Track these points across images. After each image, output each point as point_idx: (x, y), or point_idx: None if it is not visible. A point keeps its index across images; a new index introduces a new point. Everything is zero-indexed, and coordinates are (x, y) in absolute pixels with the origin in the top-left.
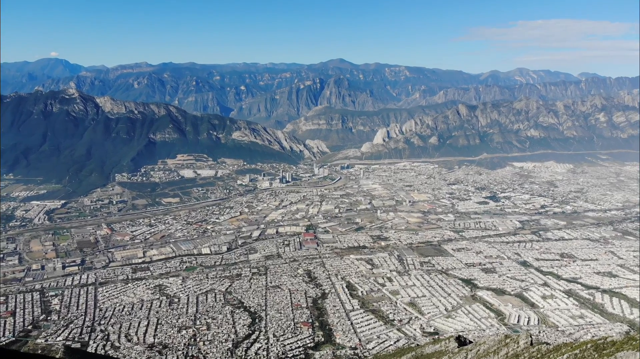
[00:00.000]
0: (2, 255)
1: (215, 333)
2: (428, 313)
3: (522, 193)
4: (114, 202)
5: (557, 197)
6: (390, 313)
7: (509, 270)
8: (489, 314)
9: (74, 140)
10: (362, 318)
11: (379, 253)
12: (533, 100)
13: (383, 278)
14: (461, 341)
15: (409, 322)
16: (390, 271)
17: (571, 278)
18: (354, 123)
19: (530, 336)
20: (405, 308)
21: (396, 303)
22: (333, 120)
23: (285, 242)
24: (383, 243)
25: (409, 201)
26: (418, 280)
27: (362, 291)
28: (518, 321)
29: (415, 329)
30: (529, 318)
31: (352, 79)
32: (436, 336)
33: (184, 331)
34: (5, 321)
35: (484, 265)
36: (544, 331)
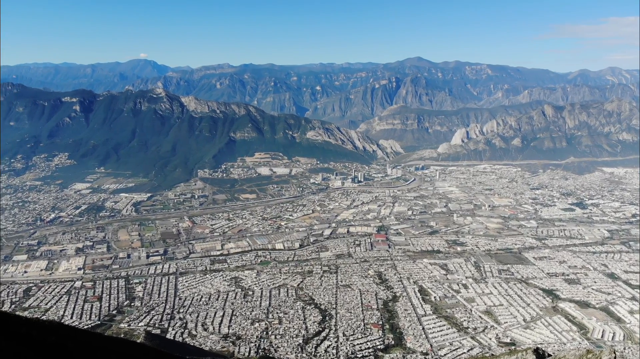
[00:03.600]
0: (92, 243)
1: (286, 328)
2: (505, 322)
3: (611, 200)
4: (196, 196)
5: None
6: (465, 320)
7: (595, 282)
8: (570, 328)
9: (161, 137)
10: (435, 323)
11: (454, 259)
12: (625, 101)
13: (458, 285)
14: (539, 354)
15: (484, 331)
16: (466, 277)
17: None
18: (431, 123)
19: (614, 353)
20: (480, 316)
21: (471, 310)
22: (408, 120)
23: (356, 242)
24: (459, 249)
25: (489, 206)
26: (495, 288)
27: (435, 297)
28: (602, 336)
29: (490, 339)
30: (614, 333)
31: (430, 78)
32: (513, 347)
33: (257, 324)
34: (92, 305)
35: (568, 275)
36: (629, 347)
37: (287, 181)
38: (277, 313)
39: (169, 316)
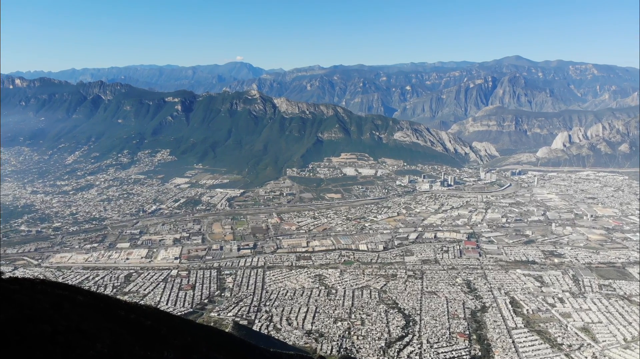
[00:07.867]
0: (188, 234)
1: (369, 330)
2: (603, 341)
3: None
4: (284, 194)
5: None
6: (559, 336)
7: None
8: None
9: (254, 137)
10: (526, 337)
11: (550, 271)
12: None
13: (553, 298)
14: None
15: (579, 348)
16: (563, 291)
17: None
18: (530, 125)
19: None
20: (576, 333)
21: (566, 326)
22: (505, 121)
23: (444, 248)
24: (556, 260)
25: (591, 216)
26: (594, 304)
27: (527, 310)
28: None
29: (586, 358)
30: None
31: (529, 77)
32: None
33: (340, 323)
34: (186, 293)
35: None
36: None
37: (372, 182)
38: (359, 313)
39: (256, 308)
